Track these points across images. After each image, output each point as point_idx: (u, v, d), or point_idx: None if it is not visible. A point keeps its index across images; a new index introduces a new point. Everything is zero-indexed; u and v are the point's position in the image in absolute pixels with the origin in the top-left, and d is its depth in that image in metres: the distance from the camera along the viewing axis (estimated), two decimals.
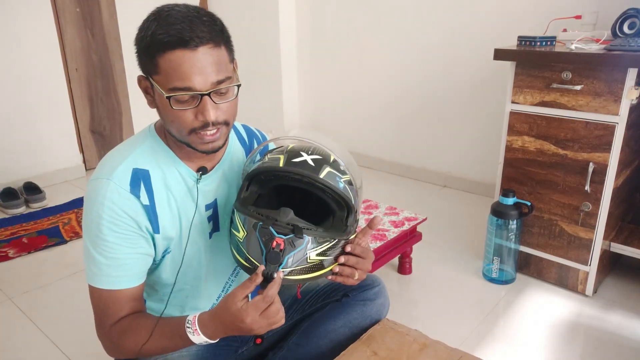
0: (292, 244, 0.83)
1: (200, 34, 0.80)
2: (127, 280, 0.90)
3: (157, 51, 0.81)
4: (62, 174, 2.95)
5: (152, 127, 0.97)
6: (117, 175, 0.87)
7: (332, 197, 0.88)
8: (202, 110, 0.83)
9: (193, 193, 0.96)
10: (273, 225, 0.83)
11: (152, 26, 0.81)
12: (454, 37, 2.53)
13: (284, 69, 3.26)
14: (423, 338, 1.08)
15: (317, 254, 0.86)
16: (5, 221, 2.43)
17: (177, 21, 0.80)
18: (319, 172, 0.87)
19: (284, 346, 1.09)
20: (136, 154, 0.91)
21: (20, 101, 2.71)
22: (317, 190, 0.88)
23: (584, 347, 1.51)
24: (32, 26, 2.67)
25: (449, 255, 2.04)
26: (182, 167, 0.94)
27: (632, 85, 1.48)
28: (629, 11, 1.68)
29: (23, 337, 1.62)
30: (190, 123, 0.85)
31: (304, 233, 0.84)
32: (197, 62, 0.81)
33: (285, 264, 0.83)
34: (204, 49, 0.81)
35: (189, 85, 0.81)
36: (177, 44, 0.79)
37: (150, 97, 0.89)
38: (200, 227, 0.98)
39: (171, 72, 0.81)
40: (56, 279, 1.94)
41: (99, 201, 0.86)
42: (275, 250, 0.82)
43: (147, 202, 0.90)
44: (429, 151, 2.83)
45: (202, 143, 0.87)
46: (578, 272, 1.72)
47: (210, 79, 0.82)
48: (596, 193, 1.60)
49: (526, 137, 1.72)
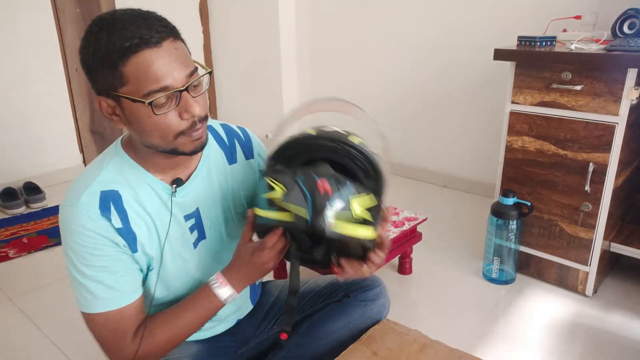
0: (337, 189, 0.79)
1: (159, 29, 0.77)
2: (127, 296, 0.88)
3: (119, 59, 0.75)
4: (62, 174, 2.95)
5: (119, 144, 0.92)
6: (83, 202, 0.84)
7: (362, 167, 0.84)
8: (185, 107, 0.79)
9: (168, 207, 0.92)
10: (314, 174, 0.79)
11: (101, 37, 0.75)
12: (454, 37, 2.53)
13: (284, 69, 3.26)
14: (423, 338, 1.08)
15: (359, 204, 0.80)
16: (5, 221, 2.43)
17: (128, 24, 0.75)
18: (351, 138, 0.85)
19: (284, 346, 1.09)
20: (102, 176, 0.87)
21: (20, 101, 2.71)
22: (347, 159, 0.84)
23: (583, 347, 1.51)
24: (32, 26, 2.67)
25: (449, 255, 2.05)
26: (155, 182, 0.90)
27: (632, 86, 1.48)
28: (628, 11, 1.68)
29: (23, 337, 1.62)
30: (176, 126, 0.80)
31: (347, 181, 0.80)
32: (165, 59, 0.76)
33: (329, 211, 0.77)
34: (167, 43, 0.77)
35: (165, 84, 0.76)
36: (139, 45, 0.74)
37: (118, 116, 0.82)
38: (182, 240, 0.95)
39: (142, 77, 0.75)
40: (56, 279, 1.94)
41: (72, 229, 0.84)
42: (322, 195, 0.77)
43: (120, 225, 0.86)
44: (429, 151, 2.83)
45: (191, 142, 0.83)
46: (578, 272, 1.72)
47: (183, 72, 0.78)
48: (596, 193, 1.60)
49: (526, 137, 1.72)
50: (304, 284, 1.19)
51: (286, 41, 3.21)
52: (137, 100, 0.77)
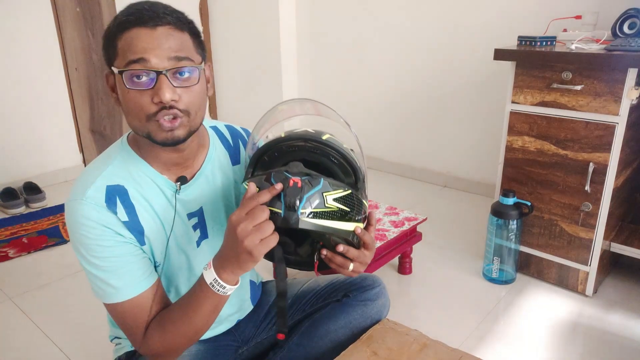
0: (309, 183, 0.78)
1: (162, 15, 0.79)
2: (139, 285, 0.87)
3: (116, 33, 0.79)
4: (62, 174, 2.95)
5: (125, 139, 0.93)
6: (89, 196, 0.84)
7: (337, 163, 0.85)
8: (157, 90, 0.78)
9: (173, 204, 0.92)
10: (286, 172, 0.80)
11: (116, 15, 0.82)
12: (454, 37, 2.53)
13: (284, 68, 3.26)
14: (423, 338, 1.08)
15: (334, 199, 0.80)
16: (5, 221, 2.43)
17: (138, 5, 0.80)
18: (321, 135, 0.85)
19: (284, 346, 1.09)
20: (108, 171, 0.87)
21: (20, 101, 2.71)
22: (322, 157, 0.84)
23: (584, 347, 1.51)
24: (32, 26, 2.67)
25: (449, 255, 2.04)
26: (159, 178, 0.91)
27: (632, 85, 1.48)
28: (629, 11, 1.68)
29: (23, 337, 1.61)
30: (147, 107, 0.79)
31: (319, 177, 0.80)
32: (154, 40, 0.78)
33: (303, 205, 0.77)
34: (163, 29, 0.79)
35: (143, 56, 0.77)
36: (135, 23, 0.78)
37: (116, 94, 0.84)
38: (186, 237, 0.96)
39: (127, 49, 0.78)
40: (56, 279, 1.94)
41: (79, 222, 0.84)
42: (293, 187, 0.77)
43: (127, 218, 0.86)
44: (430, 151, 2.83)
45: (160, 130, 0.81)
46: (578, 272, 1.72)
47: (168, 55, 0.78)
48: (596, 193, 1.60)
49: (526, 137, 1.72)
50: (303, 283, 1.19)
51: (286, 41, 3.20)
52: (118, 70, 0.79)
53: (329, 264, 0.89)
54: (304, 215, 0.77)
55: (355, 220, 0.84)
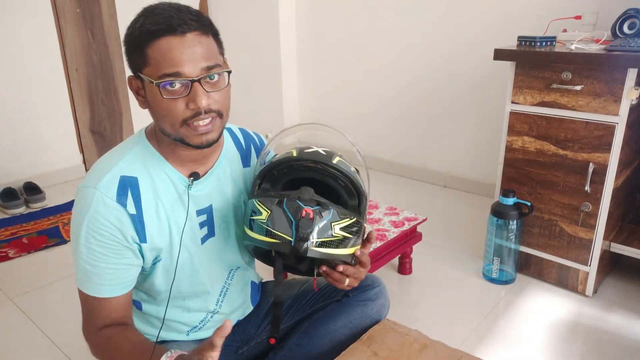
0: (320, 214, 0.84)
1: (189, 21, 0.81)
2: (112, 290, 0.90)
3: (145, 41, 0.81)
4: (62, 174, 2.95)
5: (143, 132, 0.95)
6: (103, 185, 0.86)
7: (343, 186, 0.90)
8: (193, 97, 0.82)
9: (184, 199, 0.94)
10: (298, 199, 0.85)
11: (139, 20, 0.82)
12: (454, 37, 2.53)
13: (284, 69, 3.26)
14: (423, 338, 1.08)
15: (341, 228, 0.86)
16: (5, 221, 2.43)
17: (164, 12, 0.81)
18: (331, 159, 0.90)
19: (284, 346, 1.09)
20: (124, 160, 0.90)
21: (20, 101, 2.71)
22: (329, 178, 0.90)
23: (584, 347, 1.51)
24: (32, 26, 2.67)
25: (449, 255, 2.05)
26: (173, 172, 0.93)
27: (632, 86, 1.48)
28: (629, 11, 1.68)
29: (23, 337, 1.62)
30: (181, 113, 0.83)
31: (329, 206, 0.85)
32: (186, 48, 0.81)
33: (312, 234, 0.83)
34: (192, 35, 0.81)
35: (178, 70, 0.80)
36: (165, 31, 0.80)
37: (142, 97, 0.88)
38: (191, 234, 0.97)
39: (160, 60, 0.80)
40: (56, 279, 1.94)
41: (85, 209, 0.86)
42: (305, 218, 0.82)
43: (134, 211, 0.88)
44: (429, 151, 2.83)
45: (196, 135, 0.85)
46: (578, 272, 1.72)
47: (200, 64, 0.82)
48: (596, 193, 1.61)
49: (526, 137, 1.72)
50: (303, 283, 1.20)
51: (286, 41, 3.21)
52: (152, 81, 0.81)
53: (326, 279, 0.95)
54: (312, 245, 0.83)
55: (356, 244, 0.90)
